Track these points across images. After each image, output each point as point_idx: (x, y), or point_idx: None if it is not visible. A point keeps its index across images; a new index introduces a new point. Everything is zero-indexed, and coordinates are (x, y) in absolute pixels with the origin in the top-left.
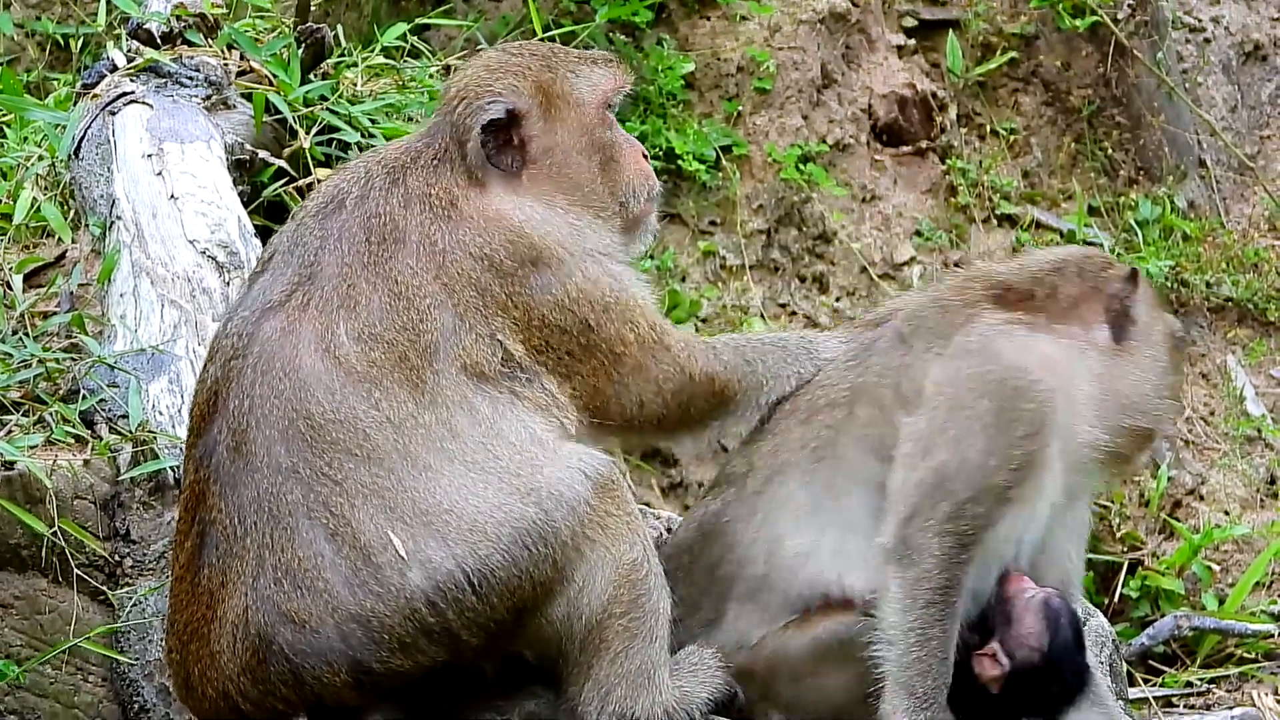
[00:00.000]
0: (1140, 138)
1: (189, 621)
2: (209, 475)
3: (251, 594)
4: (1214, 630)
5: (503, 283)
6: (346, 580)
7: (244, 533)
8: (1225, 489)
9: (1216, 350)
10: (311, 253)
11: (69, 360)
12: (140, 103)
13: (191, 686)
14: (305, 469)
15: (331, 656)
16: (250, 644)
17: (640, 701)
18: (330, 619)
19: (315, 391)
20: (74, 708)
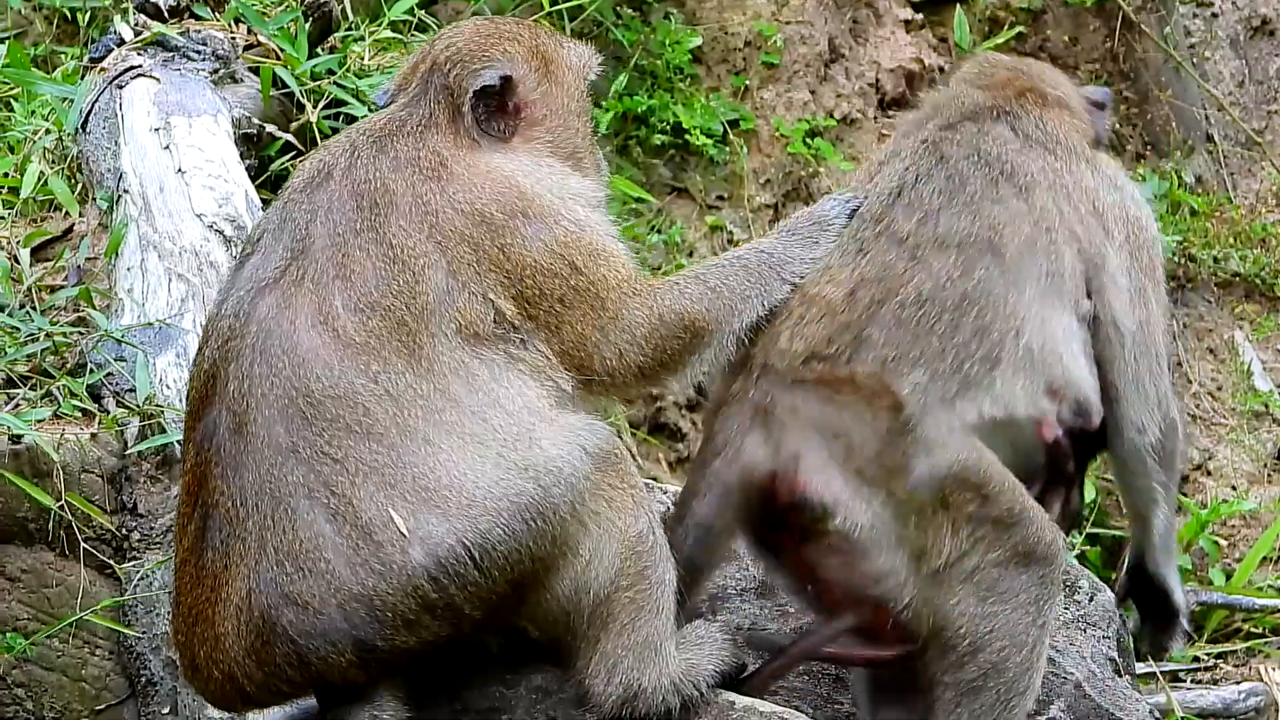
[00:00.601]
0: (1148, 113)
1: (194, 605)
2: (210, 458)
3: (254, 576)
4: (1221, 605)
5: (494, 236)
6: (348, 560)
7: (245, 515)
8: (1232, 464)
9: (1224, 325)
10: (302, 227)
11: (76, 334)
12: (147, 76)
13: (198, 668)
14: (305, 448)
15: (335, 637)
16: (254, 627)
17: (647, 673)
18: (333, 599)
19: (314, 368)
20: (81, 681)
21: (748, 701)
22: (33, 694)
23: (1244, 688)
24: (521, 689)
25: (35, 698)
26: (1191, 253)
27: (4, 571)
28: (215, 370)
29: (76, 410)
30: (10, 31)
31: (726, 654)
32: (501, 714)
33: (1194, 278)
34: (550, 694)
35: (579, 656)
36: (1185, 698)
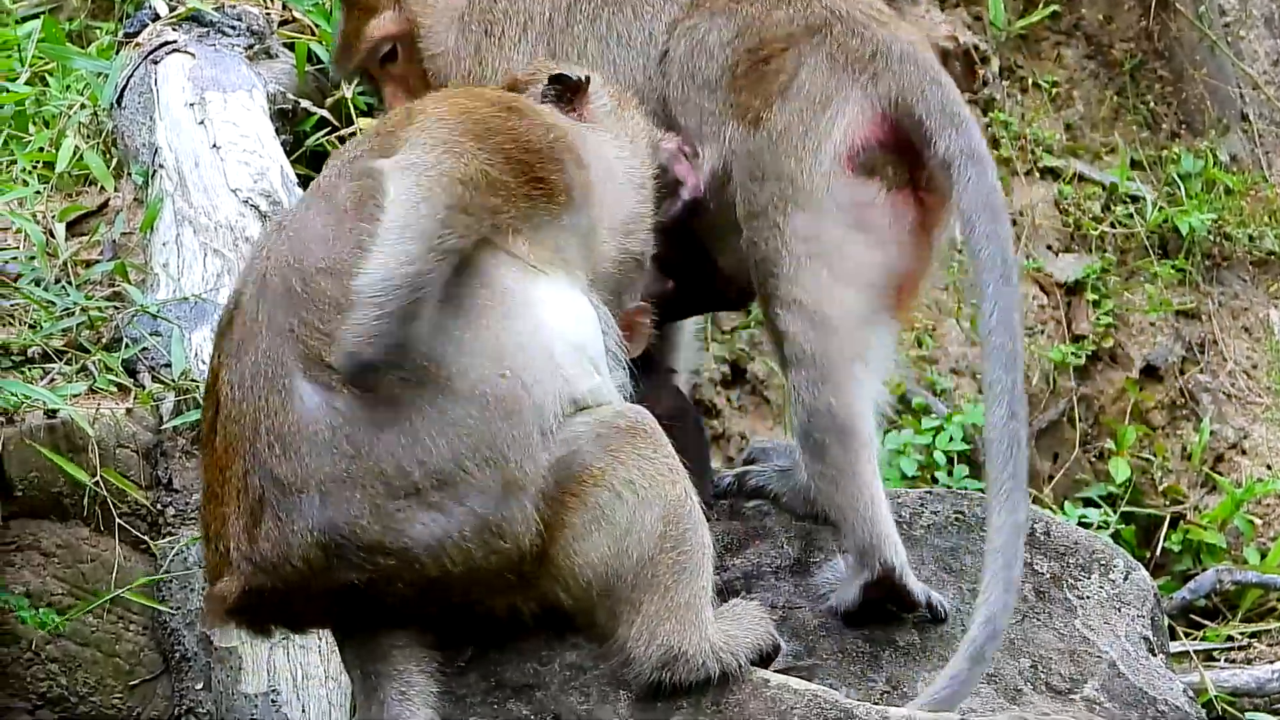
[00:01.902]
0: (1182, 91)
1: (209, 484)
2: (226, 352)
3: (250, 457)
4: (1256, 584)
5: (550, 134)
6: (327, 441)
7: (242, 398)
8: (1268, 443)
9: (1259, 304)
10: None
11: (112, 309)
12: (182, 52)
13: (210, 543)
14: (300, 327)
15: (312, 518)
16: (248, 506)
17: (689, 637)
18: (311, 480)
19: (310, 243)
20: (115, 656)
21: (781, 679)
22: (66, 669)
23: (1277, 667)
24: (556, 665)
25: (69, 673)
26: (1226, 231)
27: (39, 547)
28: (239, 289)
29: (112, 385)
30: (45, 6)
31: (763, 631)
32: (536, 690)
33: (1229, 256)
34: (585, 670)
35: (620, 623)
36: (1219, 677)
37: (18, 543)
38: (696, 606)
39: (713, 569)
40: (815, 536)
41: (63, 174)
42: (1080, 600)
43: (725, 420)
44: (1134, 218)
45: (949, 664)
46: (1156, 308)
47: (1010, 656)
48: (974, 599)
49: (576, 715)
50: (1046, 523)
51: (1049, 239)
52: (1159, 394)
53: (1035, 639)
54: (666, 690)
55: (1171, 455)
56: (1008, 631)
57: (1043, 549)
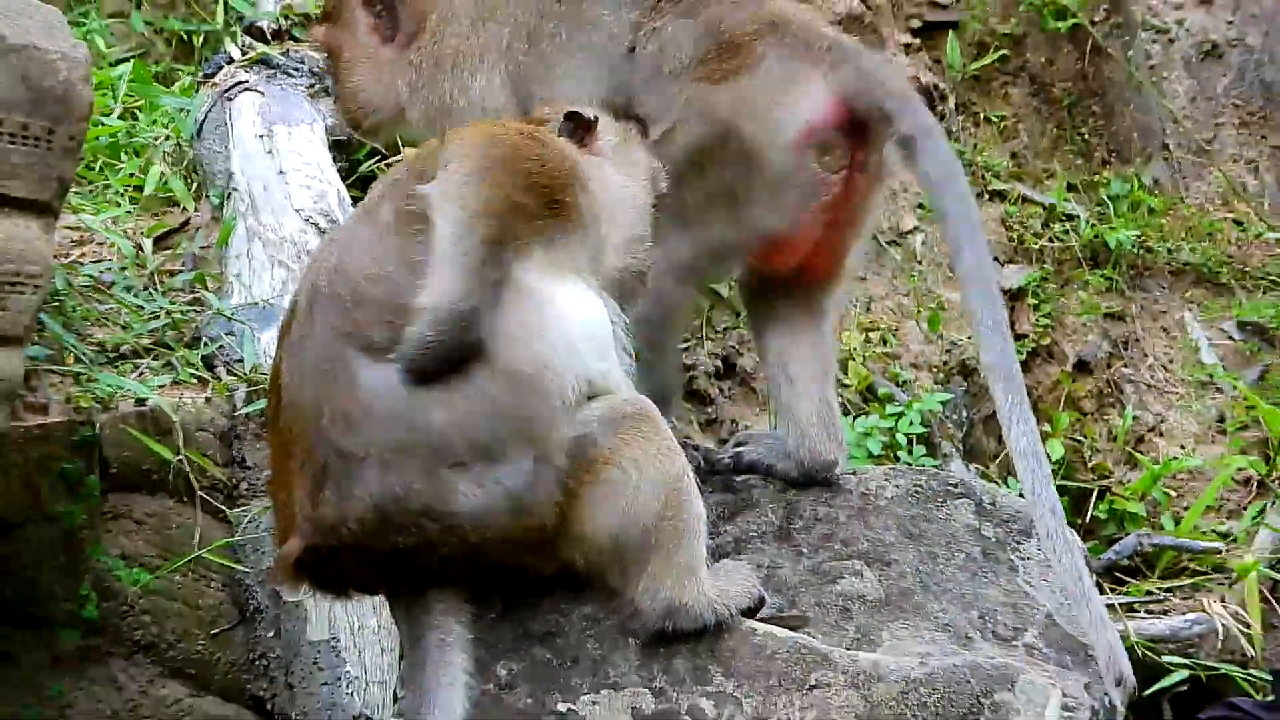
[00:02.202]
0: (1113, 124)
1: (277, 467)
2: (286, 350)
3: (315, 435)
4: (1171, 547)
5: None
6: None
7: (303, 386)
8: (1181, 426)
9: (1176, 308)
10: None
11: (192, 312)
12: (253, 90)
13: (279, 511)
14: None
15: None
16: (312, 474)
17: (687, 591)
18: (371, 450)
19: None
20: (198, 609)
21: (766, 628)
22: (157, 620)
23: (1189, 618)
24: (574, 617)
25: (159, 624)
26: (1149, 245)
27: (131, 516)
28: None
29: (193, 378)
30: (135, 51)
31: (751, 586)
32: (557, 638)
33: (1150, 266)
34: (599, 621)
35: (629, 580)
36: (1139, 626)
37: (114, 512)
38: (694, 566)
39: (707, 534)
40: (796, 506)
41: (150, 196)
42: (1022, 561)
43: (718, 408)
44: (1069, 234)
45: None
46: (1088, 311)
47: (962, 609)
48: (931, 559)
49: (592, 659)
50: (993, 494)
51: (996, 252)
52: (1089, 385)
53: (983, 594)
54: (669, 637)
55: (1099, 437)
56: (961, 587)
57: (990, 517)
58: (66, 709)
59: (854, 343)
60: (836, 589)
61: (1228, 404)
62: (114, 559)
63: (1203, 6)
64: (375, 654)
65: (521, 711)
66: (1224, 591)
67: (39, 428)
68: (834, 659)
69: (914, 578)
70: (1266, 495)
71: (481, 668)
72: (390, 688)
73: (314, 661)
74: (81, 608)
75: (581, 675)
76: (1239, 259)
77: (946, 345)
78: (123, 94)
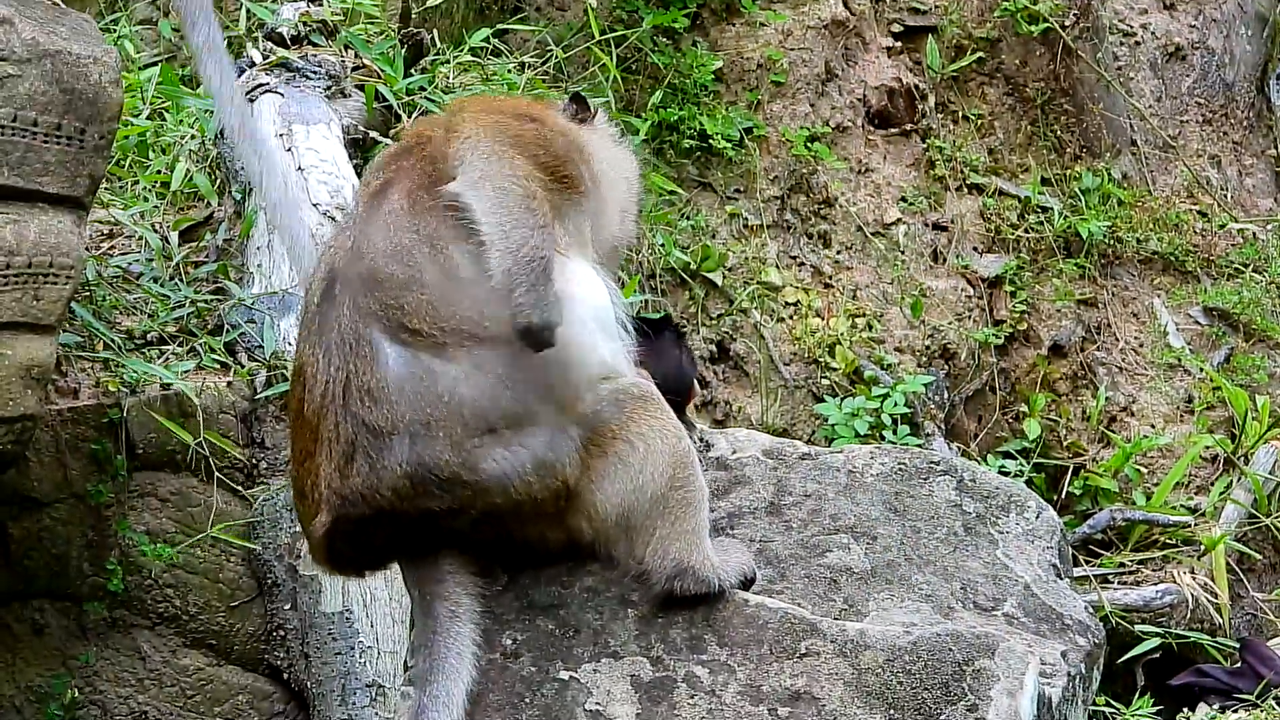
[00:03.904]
0: (1084, 122)
1: (302, 446)
2: (307, 334)
3: (342, 411)
4: (1142, 521)
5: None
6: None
7: (328, 366)
8: (1152, 407)
9: (1145, 295)
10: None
11: (215, 301)
12: (273, 92)
13: (304, 495)
14: (375, 305)
15: (400, 456)
16: (341, 451)
17: (694, 555)
18: (400, 424)
19: (376, 239)
20: (218, 583)
21: (758, 599)
22: (180, 593)
23: (1160, 588)
24: (576, 588)
25: (181, 596)
26: (1119, 235)
27: (156, 494)
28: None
29: (215, 363)
30: (163, 56)
31: (745, 559)
32: (559, 609)
33: (1121, 255)
34: (599, 592)
35: (636, 546)
36: (1113, 596)
37: (139, 491)
38: (700, 533)
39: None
40: (786, 483)
41: (176, 192)
42: (1001, 535)
43: (713, 391)
44: (1044, 224)
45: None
46: (1062, 297)
47: (944, 580)
48: (915, 533)
49: (593, 629)
50: (973, 471)
51: (975, 242)
52: (1064, 367)
53: (964, 566)
54: (676, 598)
55: (1074, 417)
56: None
57: (970, 493)
58: (93, 677)
59: (841, 328)
60: (825, 562)
61: (1195, 385)
62: (139, 535)
63: (1167, 11)
64: (387, 625)
65: (525, 679)
66: (1193, 563)
67: (70, 410)
68: (823, 628)
69: (898, 551)
70: (1232, 472)
71: (488, 638)
72: (401, 657)
73: (328, 632)
74: (108, 581)
75: (583, 645)
76: (1204, 248)
77: (929, 330)
78: (151, 96)
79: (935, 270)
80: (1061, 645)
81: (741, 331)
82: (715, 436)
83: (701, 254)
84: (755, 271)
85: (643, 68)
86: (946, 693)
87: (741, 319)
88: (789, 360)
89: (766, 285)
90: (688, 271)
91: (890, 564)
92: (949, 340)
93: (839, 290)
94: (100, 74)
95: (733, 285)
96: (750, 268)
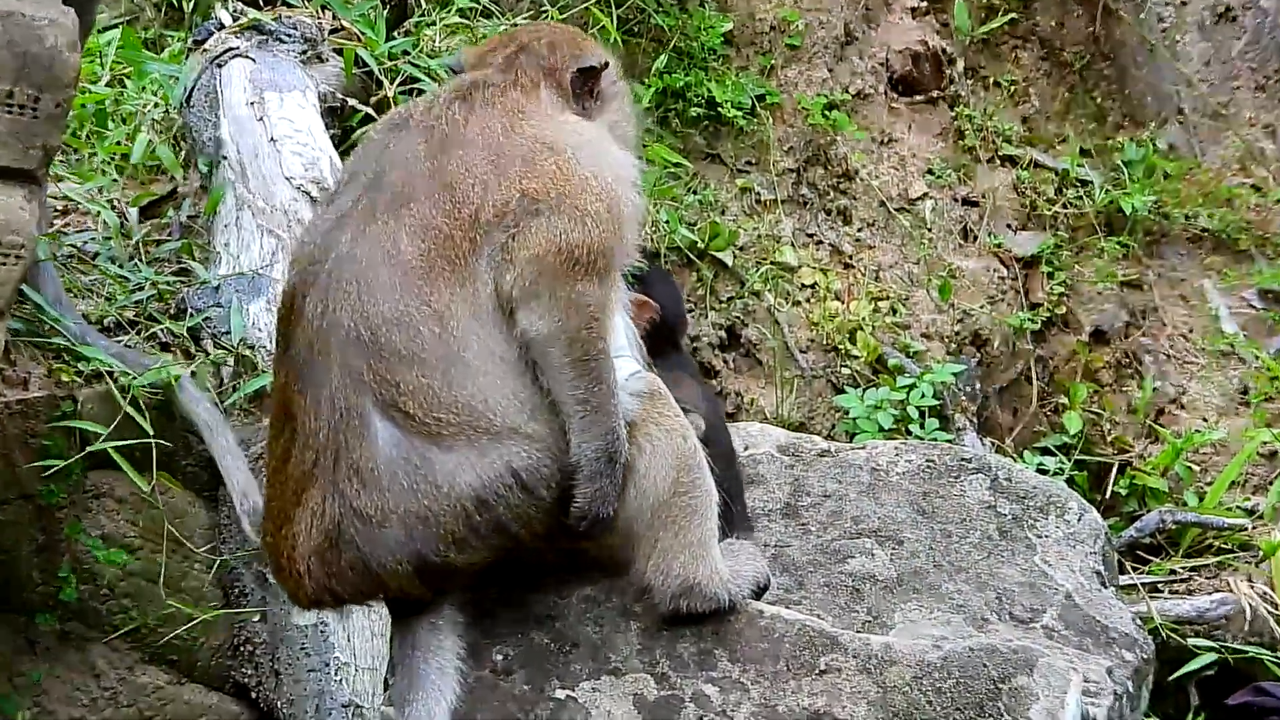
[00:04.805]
0: (1126, 88)
1: (281, 508)
2: (294, 376)
3: (330, 487)
4: (1194, 524)
5: (555, 159)
6: (406, 480)
7: (320, 429)
8: (1203, 398)
9: (1194, 275)
10: (374, 163)
11: (179, 283)
12: (244, 57)
13: (281, 568)
14: (368, 373)
15: (396, 549)
16: (324, 532)
17: (700, 569)
18: (394, 515)
19: (377, 294)
20: (181, 592)
21: (774, 610)
22: (138, 604)
23: (1215, 597)
24: (573, 599)
25: (140, 607)
26: (1165, 211)
27: (112, 494)
28: (295, 293)
29: (178, 350)
30: (124, 18)
31: (760, 565)
32: (556, 621)
33: (1168, 233)
34: (599, 603)
35: (638, 559)
36: (1163, 606)
37: (94, 491)
38: (707, 544)
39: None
40: (804, 482)
41: (137, 165)
42: (1039, 539)
43: (722, 380)
44: (1083, 199)
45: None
46: (1104, 279)
47: (978, 589)
48: (945, 538)
49: (593, 643)
50: (1009, 469)
51: (1008, 218)
52: (1107, 355)
53: (999, 574)
54: (684, 617)
55: (1118, 409)
56: (976, 567)
57: (1005, 493)
58: (43, 696)
59: (863, 312)
60: (846, 569)
61: (1250, 374)
62: (94, 540)
63: None
64: (365, 639)
65: (518, 698)
66: (1250, 570)
67: (19, 402)
68: (844, 642)
69: (927, 557)
70: None
71: (476, 652)
72: (381, 674)
73: (301, 647)
74: (60, 591)
75: (581, 660)
76: (1258, 225)
77: (958, 314)
78: (111, 61)
79: (965, 249)
80: (1107, 661)
81: (754, 316)
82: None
83: (710, 232)
84: (769, 251)
85: (646, 29)
86: (980, 713)
87: (754, 303)
88: (806, 348)
89: (781, 266)
90: (695, 251)
91: (918, 571)
92: (981, 325)
93: (860, 271)
94: (56, 37)
95: (744, 266)
96: (763, 247)
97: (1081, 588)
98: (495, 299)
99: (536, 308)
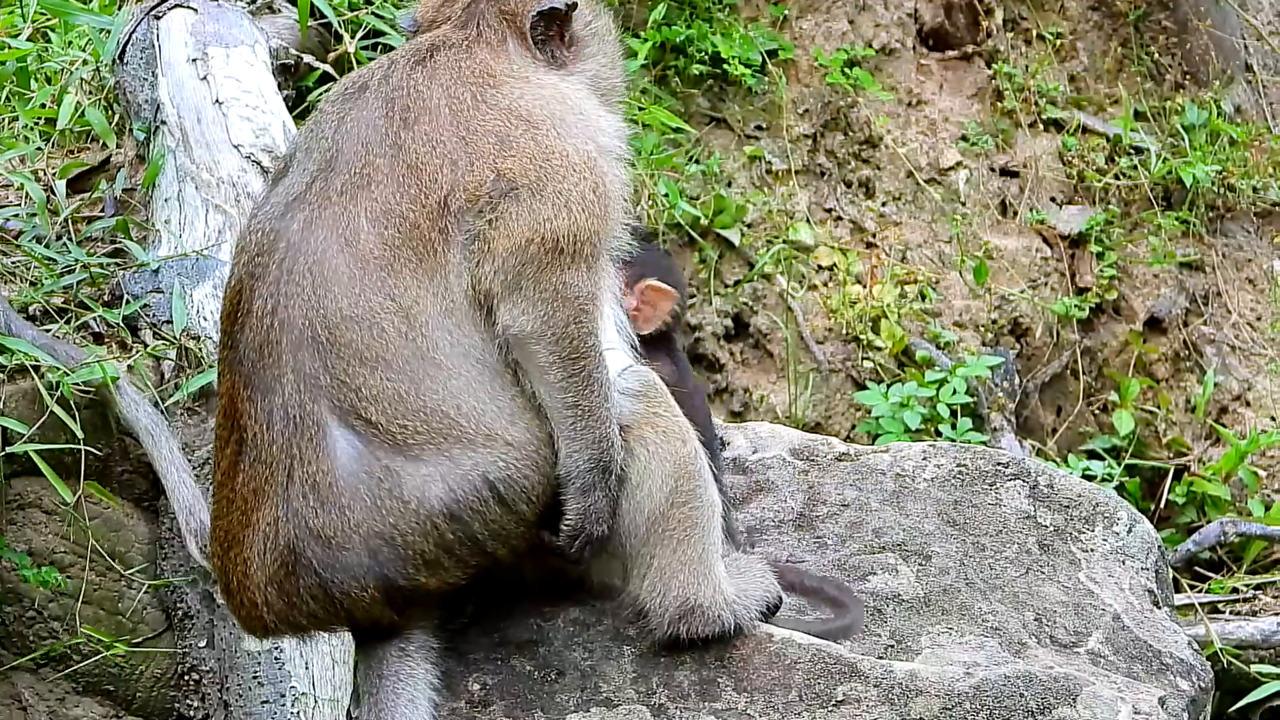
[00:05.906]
0: (1187, 42)
1: (228, 528)
2: (242, 381)
3: (283, 505)
4: (1260, 536)
5: (532, 133)
6: (369, 496)
7: (272, 440)
8: (1272, 395)
9: (1263, 256)
10: (330, 140)
11: (113, 265)
12: (185, 7)
13: (232, 593)
14: (326, 377)
15: (359, 573)
16: (279, 556)
17: (703, 590)
18: (356, 535)
19: (334, 288)
20: (117, 614)
21: (785, 634)
22: (69, 627)
23: None
24: (560, 621)
25: (71, 631)
26: (1231, 183)
27: (40, 505)
28: (242, 288)
29: (113, 342)
30: None
31: (770, 583)
32: (539, 646)
33: (1233, 208)
34: (589, 626)
35: (632, 578)
36: (1224, 629)
37: (20, 500)
38: (709, 560)
39: (722, 524)
40: (820, 490)
41: (64, 131)
42: (1084, 553)
43: (728, 375)
44: (1138, 169)
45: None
46: (1160, 260)
47: (1014, 610)
48: (978, 552)
49: (581, 670)
50: (1050, 475)
51: (1052, 191)
52: (1163, 346)
53: (1039, 592)
54: (684, 642)
55: (1175, 407)
56: (1013, 585)
57: (1046, 502)
58: None
59: (888, 298)
60: (867, 587)
61: None
62: (19, 556)
63: None
64: (325, 666)
65: None
66: None
67: None
68: (864, 669)
69: (958, 574)
70: None
71: (451, 681)
72: (344, 706)
73: (253, 675)
74: None
75: (568, 690)
76: None
77: (995, 301)
78: (33, 12)
79: (1003, 226)
80: (1159, 690)
81: (764, 302)
82: (732, 433)
83: (714, 206)
84: (781, 228)
85: None
86: None
87: (764, 286)
88: (823, 338)
89: (795, 245)
90: (697, 228)
91: (947, 590)
92: (1020, 313)
93: (885, 251)
94: None
95: (753, 245)
96: (775, 223)
97: (1131, 608)
98: (470, 293)
99: (519, 302)
